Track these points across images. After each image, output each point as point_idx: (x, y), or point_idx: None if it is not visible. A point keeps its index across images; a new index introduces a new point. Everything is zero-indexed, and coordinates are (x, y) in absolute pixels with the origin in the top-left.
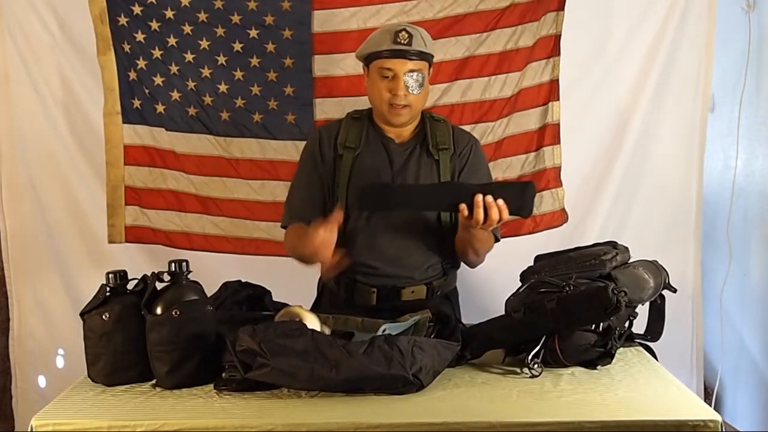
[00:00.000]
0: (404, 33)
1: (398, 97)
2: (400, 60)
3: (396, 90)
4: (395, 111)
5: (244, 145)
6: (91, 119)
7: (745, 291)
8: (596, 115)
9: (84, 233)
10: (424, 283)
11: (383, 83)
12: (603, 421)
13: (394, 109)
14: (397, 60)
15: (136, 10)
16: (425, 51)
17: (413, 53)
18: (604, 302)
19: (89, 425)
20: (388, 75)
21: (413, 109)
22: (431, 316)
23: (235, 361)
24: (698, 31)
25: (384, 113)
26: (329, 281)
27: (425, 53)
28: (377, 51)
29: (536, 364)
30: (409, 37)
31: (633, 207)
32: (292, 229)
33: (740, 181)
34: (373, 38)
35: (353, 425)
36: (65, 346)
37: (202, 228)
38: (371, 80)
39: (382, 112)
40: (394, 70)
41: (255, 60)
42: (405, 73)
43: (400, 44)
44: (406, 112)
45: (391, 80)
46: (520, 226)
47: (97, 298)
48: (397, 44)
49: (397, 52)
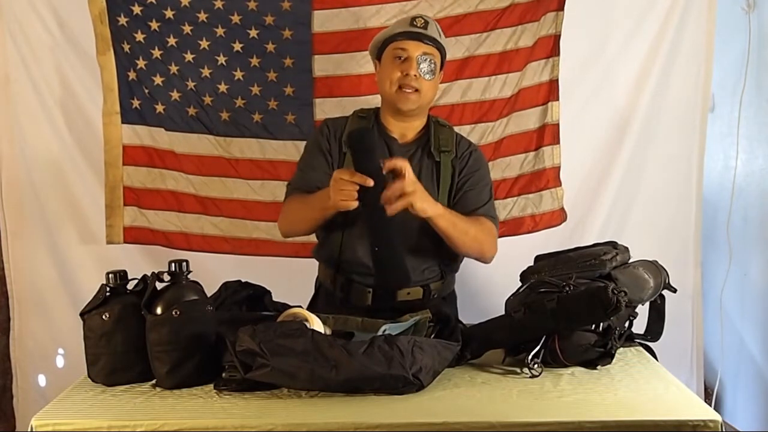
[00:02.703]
0: (420, 19)
1: (409, 77)
2: (415, 42)
3: (408, 70)
4: (404, 95)
5: (244, 145)
6: (90, 119)
7: (745, 291)
8: (596, 115)
9: (84, 233)
10: (420, 285)
11: (396, 64)
12: (603, 421)
13: (403, 93)
14: (411, 42)
15: (136, 10)
16: (439, 40)
17: (428, 37)
18: (604, 302)
19: (89, 425)
20: (402, 55)
21: (422, 97)
22: (431, 316)
23: (235, 361)
24: (698, 31)
25: (392, 97)
26: (326, 280)
27: (439, 42)
28: (393, 34)
29: (536, 364)
30: (425, 23)
31: (633, 207)
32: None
33: (740, 181)
34: (388, 27)
35: (353, 425)
36: (65, 346)
37: (201, 228)
38: (383, 66)
39: (390, 98)
40: (408, 51)
41: (255, 60)
42: (419, 55)
43: (416, 27)
44: (415, 98)
45: (404, 62)
46: (519, 225)
47: (97, 298)
48: (413, 27)
49: (413, 34)
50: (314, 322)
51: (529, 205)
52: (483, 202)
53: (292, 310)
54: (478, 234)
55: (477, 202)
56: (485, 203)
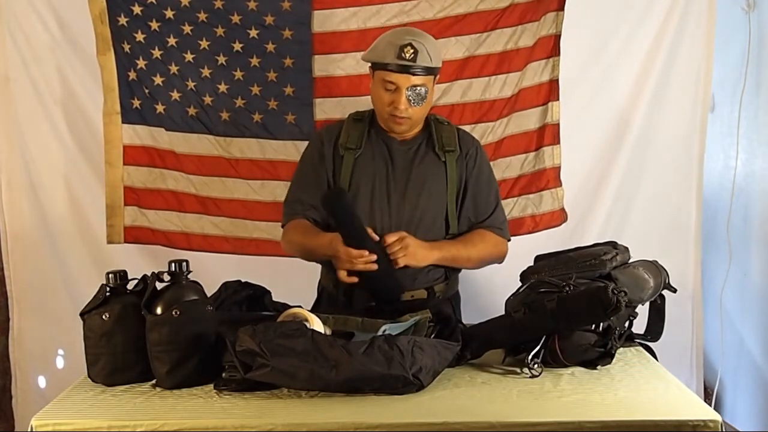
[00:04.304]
0: (409, 48)
1: (399, 110)
2: (404, 75)
3: (398, 103)
4: (395, 121)
5: (244, 145)
6: (90, 119)
7: (745, 291)
8: (596, 115)
9: (84, 233)
10: (424, 288)
11: (386, 94)
12: (603, 421)
13: (394, 119)
14: (400, 75)
15: (136, 10)
16: (431, 66)
17: (417, 69)
18: (604, 302)
19: (89, 425)
20: (391, 88)
21: (414, 121)
22: (431, 316)
23: (235, 361)
24: (698, 31)
25: (384, 120)
26: (328, 284)
27: (431, 68)
28: (381, 63)
29: (536, 364)
30: (415, 53)
31: (633, 207)
32: (294, 225)
33: (740, 181)
34: (379, 47)
35: (353, 425)
36: (65, 346)
37: (201, 228)
38: (375, 87)
39: (382, 120)
40: (397, 84)
41: (255, 60)
42: (408, 88)
43: (405, 60)
44: (406, 123)
45: (394, 92)
46: (520, 226)
47: (97, 298)
48: (401, 59)
49: (401, 67)
50: (314, 322)
51: (530, 206)
52: (489, 211)
53: (292, 310)
54: (482, 254)
55: (484, 213)
56: (492, 212)
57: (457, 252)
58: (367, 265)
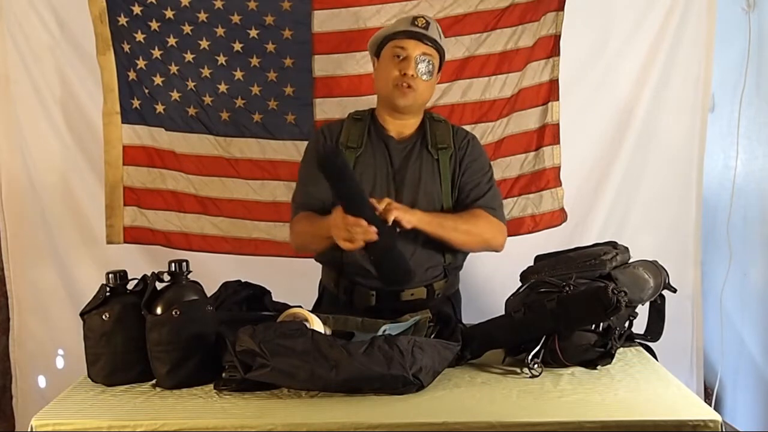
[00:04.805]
0: (422, 19)
1: (407, 76)
2: (415, 41)
3: (406, 69)
4: (401, 91)
5: (244, 145)
6: (90, 119)
7: (745, 291)
8: (596, 115)
9: (84, 233)
10: (424, 285)
11: (394, 63)
12: (603, 421)
13: (400, 89)
14: (411, 41)
15: (136, 10)
16: (439, 42)
17: (428, 38)
18: (604, 302)
19: (89, 425)
20: (401, 54)
21: (417, 96)
22: (431, 316)
23: (235, 361)
24: (698, 31)
25: (389, 94)
26: (329, 283)
27: (438, 43)
28: (393, 32)
29: (536, 364)
30: (426, 24)
31: (633, 207)
32: (300, 216)
33: (740, 181)
34: (389, 25)
35: (353, 425)
36: (65, 346)
37: (201, 228)
38: (382, 63)
39: (387, 95)
40: (407, 50)
41: (255, 60)
42: (417, 55)
43: (417, 27)
44: (411, 95)
45: (403, 60)
46: (520, 225)
47: (97, 298)
48: (414, 26)
49: (413, 33)
50: (314, 322)
51: (530, 206)
52: (482, 193)
53: (292, 310)
54: (471, 227)
55: (476, 195)
56: (484, 194)
57: (444, 218)
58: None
